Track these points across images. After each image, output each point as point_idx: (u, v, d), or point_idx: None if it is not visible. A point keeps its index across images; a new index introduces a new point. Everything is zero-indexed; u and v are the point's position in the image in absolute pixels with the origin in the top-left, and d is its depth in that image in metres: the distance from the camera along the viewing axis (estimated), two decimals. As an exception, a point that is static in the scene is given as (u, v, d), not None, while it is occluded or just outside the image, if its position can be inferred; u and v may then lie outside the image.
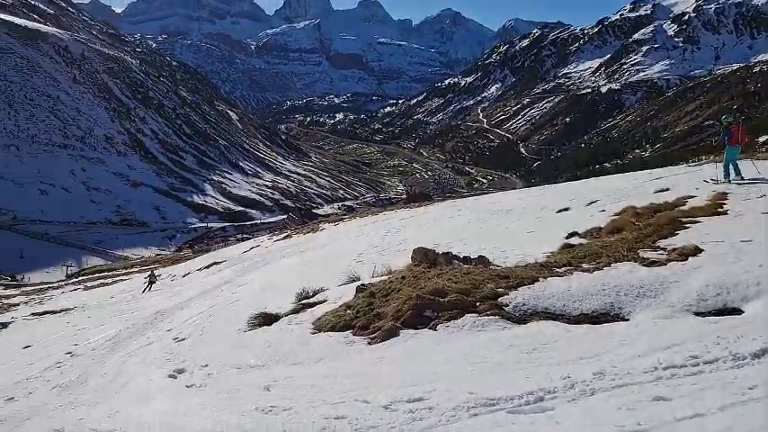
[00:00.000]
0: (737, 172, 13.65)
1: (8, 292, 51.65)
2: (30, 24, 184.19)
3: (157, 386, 8.33)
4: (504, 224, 16.85)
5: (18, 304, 36.22)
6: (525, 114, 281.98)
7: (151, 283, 27.96)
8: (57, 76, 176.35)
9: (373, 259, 13.81)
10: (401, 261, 11.33)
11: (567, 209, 16.49)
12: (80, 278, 58.18)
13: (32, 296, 41.55)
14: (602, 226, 11.85)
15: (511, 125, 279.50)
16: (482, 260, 10.09)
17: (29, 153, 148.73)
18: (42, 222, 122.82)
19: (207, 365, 8.63)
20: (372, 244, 18.44)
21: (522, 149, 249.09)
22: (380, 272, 11.11)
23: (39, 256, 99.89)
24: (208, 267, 29.82)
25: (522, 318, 7.21)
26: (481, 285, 8.02)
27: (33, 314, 27.60)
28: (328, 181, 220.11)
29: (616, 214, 12.82)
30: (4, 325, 24.50)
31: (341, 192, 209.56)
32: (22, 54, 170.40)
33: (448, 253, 10.47)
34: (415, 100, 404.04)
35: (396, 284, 8.89)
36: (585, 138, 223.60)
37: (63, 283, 56.17)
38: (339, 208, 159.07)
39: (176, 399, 7.53)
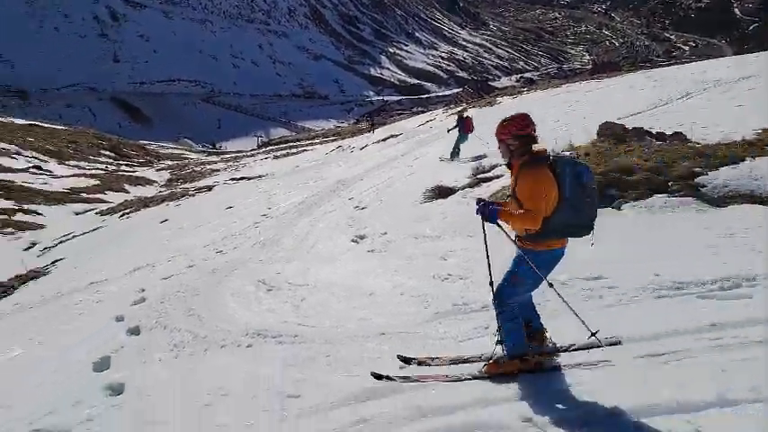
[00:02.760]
0: (457, 155, 15.85)
1: (210, 158, 57.48)
2: None
3: (341, 249, 8.93)
4: (708, 97, 15.14)
5: (219, 170, 40.22)
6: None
7: (373, 126, 29.75)
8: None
9: (554, 134, 13.22)
10: (584, 137, 10.74)
11: (787, 80, 14.35)
12: (269, 148, 62.81)
13: (230, 163, 45.81)
14: (831, 100, 10.19)
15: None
16: (678, 136, 9.21)
17: (221, 28, 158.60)
18: (235, 95, 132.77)
19: (386, 233, 9.05)
20: (554, 118, 17.61)
21: (737, 10, 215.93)
22: (561, 148, 10.63)
23: (233, 127, 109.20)
24: (384, 140, 30.58)
25: (722, 200, 6.58)
26: (675, 164, 7.38)
27: (232, 179, 30.52)
28: (507, 51, 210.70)
29: None
30: (210, 188, 27.44)
31: (520, 63, 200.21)
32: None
33: (638, 128, 9.69)
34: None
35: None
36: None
37: (254, 151, 61.05)
38: (517, 80, 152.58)
39: (359, 261, 8.06)
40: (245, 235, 12.10)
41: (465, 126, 16.38)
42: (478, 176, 10.81)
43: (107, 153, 48.37)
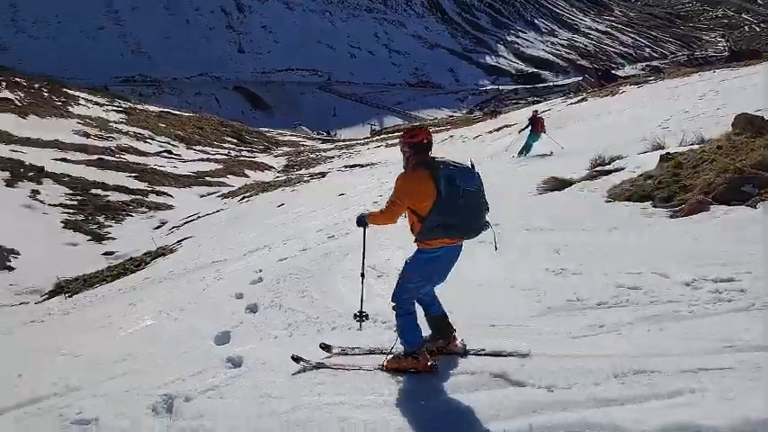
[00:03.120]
0: (526, 151, 17.01)
1: (324, 146, 59.09)
2: None
3: (454, 240, 8.87)
4: None
5: (333, 157, 41.30)
6: None
7: (495, 113, 27.47)
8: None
9: (682, 126, 12.45)
10: (717, 129, 10.02)
11: None
12: (382, 136, 63.59)
13: (343, 150, 46.88)
14: None
15: None
16: (827, 130, 8.38)
17: (340, 18, 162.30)
18: (350, 83, 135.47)
19: (497, 224, 8.85)
20: (682, 109, 16.55)
21: None
22: (690, 140, 10.02)
23: (347, 115, 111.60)
24: (498, 130, 30.10)
25: None
26: (823, 160, 6.72)
27: (345, 166, 31.24)
28: (632, 38, 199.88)
29: None
30: (323, 174, 28.24)
31: (647, 50, 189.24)
32: None
33: (780, 120, 8.90)
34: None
35: (709, 155, 7.94)
36: None
37: (368, 139, 62.05)
38: (643, 69, 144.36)
39: (472, 254, 7.96)
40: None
41: (536, 126, 17.10)
42: (597, 169, 10.39)
43: (230, 139, 50.97)
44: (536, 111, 19.18)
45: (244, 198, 23.12)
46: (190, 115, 57.67)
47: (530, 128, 17.35)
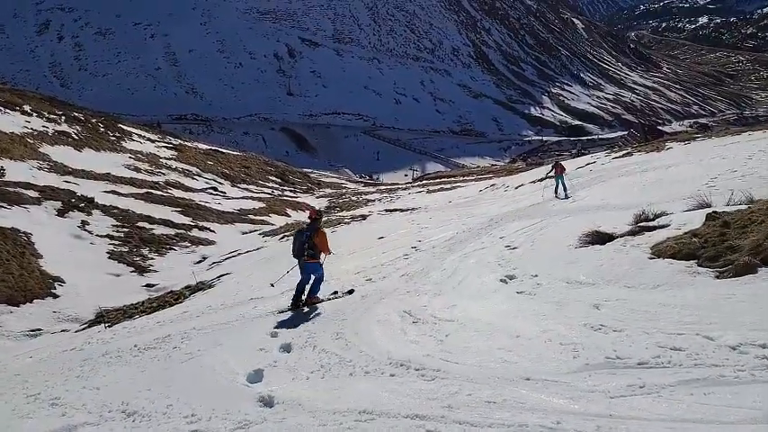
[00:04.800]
0: (557, 191, 21.16)
1: (367, 189, 59.59)
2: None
3: (489, 288, 8.79)
4: None
5: (374, 201, 41.57)
6: None
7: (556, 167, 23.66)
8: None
9: (730, 185, 12.18)
10: (767, 190, 9.78)
11: None
12: (424, 181, 63.87)
13: (385, 194, 47.18)
14: None
15: None
16: None
17: (387, 65, 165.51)
18: (395, 129, 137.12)
19: (536, 275, 8.79)
20: (731, 168, 16.18)
21: None
22: (738, 200, 9.78)
23: (390, 159, 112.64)
24: (541, 180, 29.93)
25: None
26: None
27: (386, 210, 31.38)
28: (680, 95, 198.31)
29: None
30: (364, 217, 28.39)
31: (694, 108, 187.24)
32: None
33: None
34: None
35: (758, 215, 7.73)
36: None
37: (409, 185, 62.40)
38: (690, 125, 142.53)
39: (506, 302, 7.89)
40: (394, 265, 12.33)
41: (558, 170, 21.54)
42: (640, 224, 10.20)
43: (274, 178, 51.87)
44: (557, 160, 25.24)
45: (284, 237, 23.37)
46: (237, 154, 59.09)
47: (554, 172, 21.72)
